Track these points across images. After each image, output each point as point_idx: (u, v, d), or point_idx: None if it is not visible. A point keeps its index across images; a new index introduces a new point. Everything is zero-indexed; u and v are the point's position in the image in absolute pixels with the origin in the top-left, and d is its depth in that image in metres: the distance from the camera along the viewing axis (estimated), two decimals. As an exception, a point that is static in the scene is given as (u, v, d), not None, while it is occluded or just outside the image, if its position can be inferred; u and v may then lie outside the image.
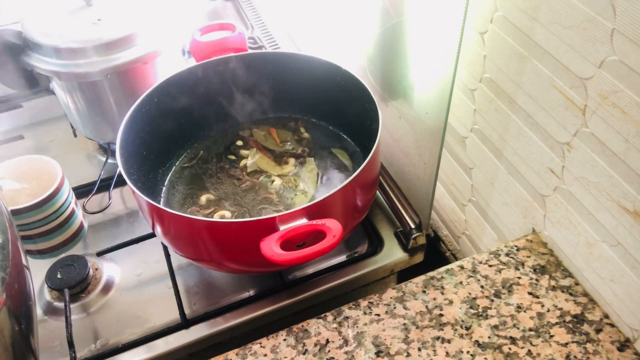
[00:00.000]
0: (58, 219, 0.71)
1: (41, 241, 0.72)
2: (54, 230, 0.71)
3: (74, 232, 0.74)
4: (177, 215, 0.57)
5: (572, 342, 0.51)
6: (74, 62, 0.76)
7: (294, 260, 0.52)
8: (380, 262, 0.71)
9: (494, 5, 0.55)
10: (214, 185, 0.75)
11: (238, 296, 0.69)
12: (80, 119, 0.85)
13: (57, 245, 0.73)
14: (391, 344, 0.53)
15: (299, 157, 0.78)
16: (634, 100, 0.43)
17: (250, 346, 0.54)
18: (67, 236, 0.73)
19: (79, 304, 0.70)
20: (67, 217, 0.73)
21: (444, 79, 0.53)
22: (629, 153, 0.45)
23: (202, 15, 1.23)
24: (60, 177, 0.71)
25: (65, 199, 0.72)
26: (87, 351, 0.65)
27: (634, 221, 0.47)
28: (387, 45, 0.67)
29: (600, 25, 0.44)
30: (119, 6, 0.81)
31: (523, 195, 0.60)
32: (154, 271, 0.73)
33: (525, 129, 0.56)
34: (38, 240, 0.71)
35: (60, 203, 0.71)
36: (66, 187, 0.73)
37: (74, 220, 0.74)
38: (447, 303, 0.56)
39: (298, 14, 1.10)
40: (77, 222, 0.75)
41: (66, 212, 0.72)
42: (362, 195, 0.63)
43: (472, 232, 0.73)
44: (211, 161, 0.79)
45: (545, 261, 0.58)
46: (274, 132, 0.81)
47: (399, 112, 0.69)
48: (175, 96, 0.75)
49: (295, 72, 0.77)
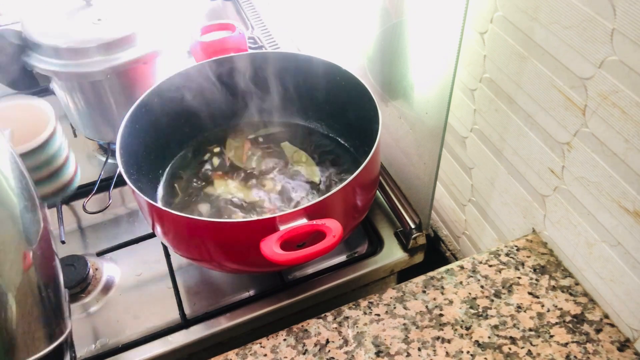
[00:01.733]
0: (54, 164, 0.69)
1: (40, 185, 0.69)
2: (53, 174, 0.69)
3: (70, 179, 0.72)
4: (177, 215, 0.57)
5: (572, 342, 0.51)
6: (74, 62, 0.76)
7: (294, 260, 0.52)
8: (380, 262, 0.71)
9: (494, 5, 0.55)
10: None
11: (238, 296, 0.69)
12: (80, 119, 0.85)
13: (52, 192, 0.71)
14: (391, 344, 0.53)
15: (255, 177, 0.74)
16: (634, 100, 0.43)
17: (250, 346, 0.54)
18: (62, 183, 0.71)
19: (79, 304, 0.70)
20: (63, 162, 0.71)
21: (444, 79, 0.53)
22: (629, 153, 0.45)
23: (202, 15, 1.23)
24: (54, 118, 0.68)
25: (60, 144, 0.70)
26: (87, 351, 0.65)
27: (634, 221, 0.47)
28: (387, 45, 0.67)
29: (600, 25, 0.44)
30: (119, 6, 0.81)
31: (523, 195, 0.60)
32: (154, 271, 0.73)
33: (525, 129, 0.56)
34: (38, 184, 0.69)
35: (56, 146, 0.69)
36: (59, 131, 0.70)
37: (69, 165, 0.72)
38: (447, 303, 0.56)
39: (298, 14, 1.10)
40: (71, 168, 0.73)
41: (62, 156, 0.70)
42: (362, 195, 0.63)
43: (472, 232, 0.73)
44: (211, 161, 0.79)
45: (545, 261, 0.58)
46: (247, 145, 0.78)
47: (399, 112, 0.69)
48: (175, 96, 0.75)
49: (295, 72, 0.77)
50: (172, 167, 0.78)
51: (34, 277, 0.43)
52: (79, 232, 0.80)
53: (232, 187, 0.73)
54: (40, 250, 0.44)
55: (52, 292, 0.45)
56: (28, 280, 0.42)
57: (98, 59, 0.76)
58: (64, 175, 0.71)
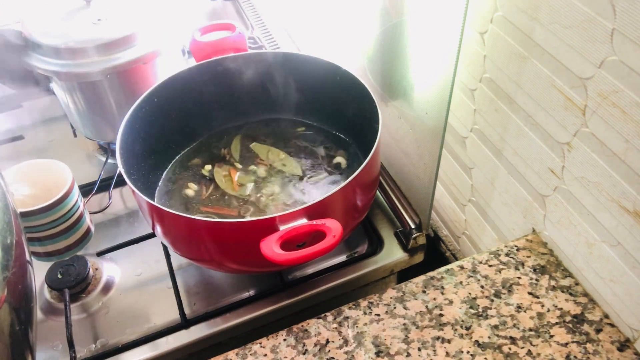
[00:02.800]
0: (67, 222, 0.71)
1: (49, 243, 0.71)
2: (62, 233, 0.71)
3: (82, 235, 0.74)
4: (177, 215, 0.57)
5: (572, 342, 0.51)
6: (74, 62, 0.76)
7: (294, 260, 0.52)
8: (380, 262, 0.71)
9: (494, 5, 0.55)
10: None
11: (238, 296, 0.69)
12: (80, 119, 0.85)
13: (65, 247, 0.73)
14: (391, 344, 0.53)
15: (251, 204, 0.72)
16: (634, 100, 0.43)
17: (250, 346, 0.54)
18: (75, 239, 0.73)
19: (79, 304, 0.70)
20: (75, 220, 0.72)
21: (444, 79, 0.53)
22: (629, 153, 0.45)
23: (202, 15, 1.23)
24: (70, 181, 0.71)
25: (75, 203, 0.72)
26: (87, 351, 0.65)
27: (634, 221, 0.47)
28: (387, 45, 0.67)
29: (600, 25, 0.44)
30: (119, 6, 0.81)
31: (523, 195, 0.60)
32: (154, 271, 0.73)
33: (525, 129, 0.56)
34: (46, 243, 0.71)
35: (69, 206, 0.71)
36: (75, 191, 0.72)
37: (82, 224, 0.74)
38: (447, 303, 0.56)
39: (298, 14, 1.10)
40: (85, 226, 0.75)
41: (75, 215, 0.72)
42: (362, 195, 0.63)
43: (472, 232, 0.73)
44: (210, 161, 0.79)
45: (545, 261, 0.58)
46: (233, 173, 0.76)
47: (399, 112, 0.69)
48: (175, 96, 0.75)
49: (295, 72, 0.77)
50: (172, 167, 0.78)
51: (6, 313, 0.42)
52: (79, 232, 0.80)
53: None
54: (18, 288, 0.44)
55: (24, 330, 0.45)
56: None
57: (98, 59, 0.76)
58: (78, 230, 0.74)
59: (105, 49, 0.76)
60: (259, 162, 0.77)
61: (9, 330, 0.43)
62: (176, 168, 0.78)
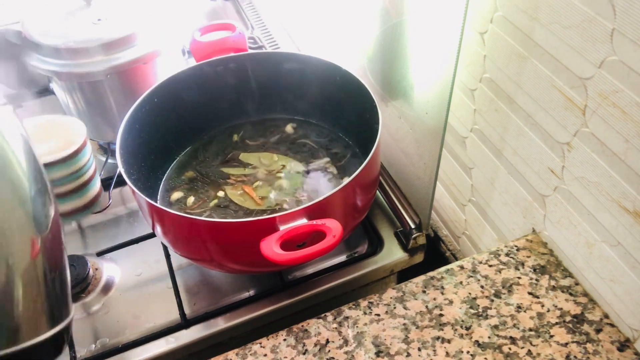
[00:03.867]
0: (82, 178, 0.71)
1: (63, 202, 0.71)
2: (77, 190, 0.71)
3: (94, 196, 0.74)
4: (177, 215, 0.57)
5: (572, 342, 0.51)
6: (74, 62, 0.76)
7: (294, 260, 0.52)
8: (380, 262, 0.71)
9: (494, 5, 0.55)
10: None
11: (238, 296, 0.69)
12: (80, 119, 0.85)
13: (77, 208, 0.72)
14: (391, 344, 0.53)
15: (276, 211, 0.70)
16: (634, 100, 0.43)
17: (250, 346, 0.54)
18: (87, 200, 0.73)
19: (79, 304, 0.70)
20: (89, 178, 0.72)
21: (444, 79, 0.53)
22: (629, 153, 0.45)
23: (202, 15, 1.23)
24: (84, 135, 0.71)
25: (88, 159, 0.72)
26: (87, 351, 0.65)
27: (634, 221, 0.47)
28: (387, 45, 0.67)
29: (600, 25, 0.44)
30: (119, 6, 0.81)
31: (523, 195, 0.60)
32: (154, 271, 0.73)
33: (525, 129, 0.56)
34: (61, 201, 0.71)
35: (84, 161, 0.71)
36: (89, 148, 0.72)
37: (95, 183, 0.74)
38: (447, 303, 0.56)
39: (298, 14, 1.10)
40: (97, 186, 0.74)
41: (89, 172, 0.72)
42: (362, 195, 0.63)
43: (472, 232, 0.73)
44: (210, 161, 0.79)
45: (545, 261, 0.58)
46: (248, 190, 0.73)
47: (399, 112, 0.69)
48: (175, 96, 0.75)
49: (295, 72, 0.77)
50: (172, 167, 0.78)
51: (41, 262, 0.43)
52: (79, 232, 0.80)
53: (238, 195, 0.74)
54: (50, 236, 0.45)
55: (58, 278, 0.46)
56: (35, 266, 0.43)
57: (98, 59, 0.76)
58: (90, 191, 0.73)
59: (106, 49, 0.76)
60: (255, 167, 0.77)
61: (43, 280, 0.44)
62: (176, 167, 0.78)
